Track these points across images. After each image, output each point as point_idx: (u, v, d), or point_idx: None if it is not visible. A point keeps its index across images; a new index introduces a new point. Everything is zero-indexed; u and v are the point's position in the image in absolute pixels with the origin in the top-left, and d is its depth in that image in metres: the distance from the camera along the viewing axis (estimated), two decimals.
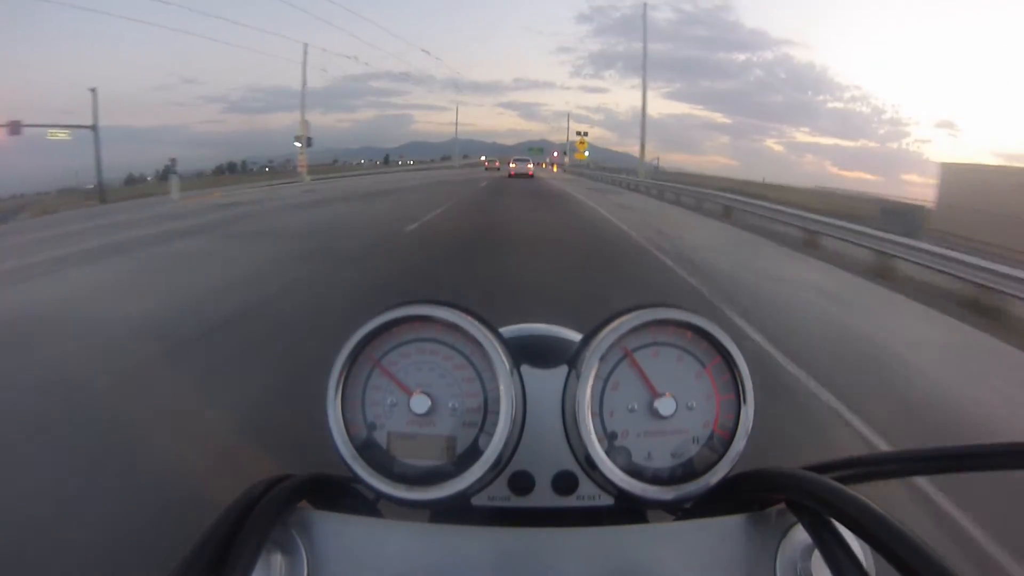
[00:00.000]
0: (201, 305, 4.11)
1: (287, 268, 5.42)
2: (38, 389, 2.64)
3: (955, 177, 14.07)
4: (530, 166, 30.32)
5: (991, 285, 4.80)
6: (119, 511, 1.71)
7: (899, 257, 6.12)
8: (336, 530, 0.36)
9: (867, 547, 0.31)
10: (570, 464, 0.43)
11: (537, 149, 67.41)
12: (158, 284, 4.95)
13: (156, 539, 1.49)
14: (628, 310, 0.43)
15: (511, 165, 30.43)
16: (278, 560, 0.34)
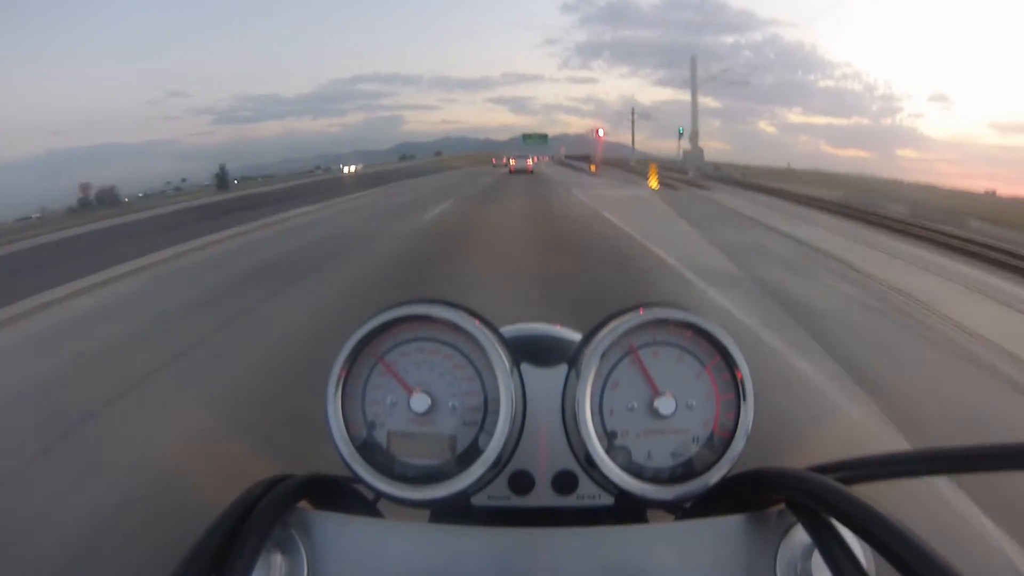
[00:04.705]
0: None
1: None
2: None
3: None
4: (529, 161, 29.69)
5: None
6: None
7: None
8: (336, 530, 0.36)
9: (867, 547, 0.31)
10: (570, 463, 0.43)
11: (538, 136, 50.07)
12: None
13: None
14: (628, 309, 0.43)
15: (511, 162, 30.07)
16: (278, 560, 0.34)
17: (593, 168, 27.21)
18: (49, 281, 5.31)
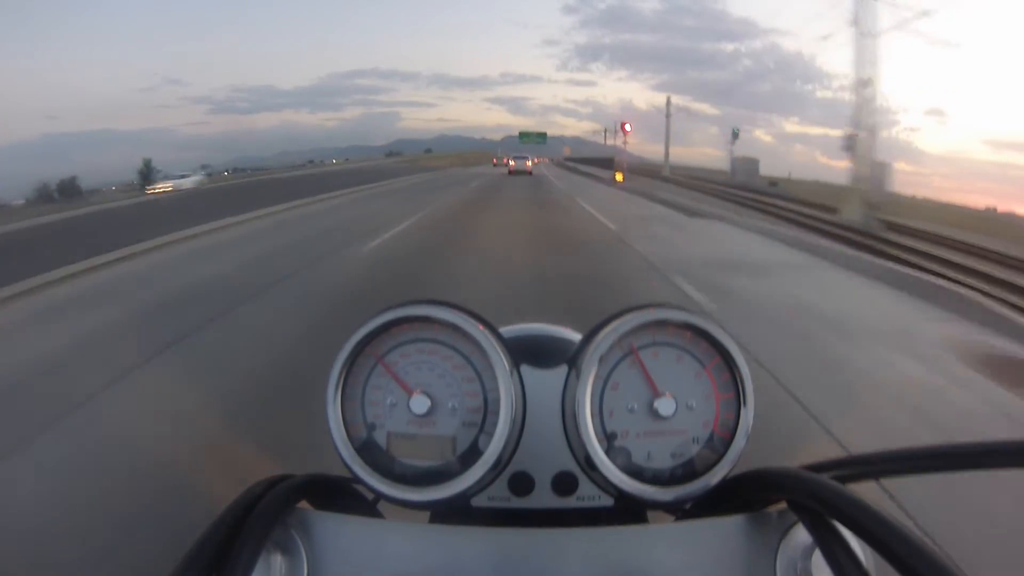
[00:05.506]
0: None
1: None
2: None
3: None
4: (528, 163, 29.26)
5: None
6: None
7: None
8: (336, 530, 0.36)
9: (867, 547, 0.31)
10: (570, 464, 0.43)
11: (536, 135, 44.83)
12: None
13: None
14: (628, 310, 0.43)
15: (511, 163, 29.80)
16: (278, 560, 0.34)
17: (619, 177, 20.08)
18: None
